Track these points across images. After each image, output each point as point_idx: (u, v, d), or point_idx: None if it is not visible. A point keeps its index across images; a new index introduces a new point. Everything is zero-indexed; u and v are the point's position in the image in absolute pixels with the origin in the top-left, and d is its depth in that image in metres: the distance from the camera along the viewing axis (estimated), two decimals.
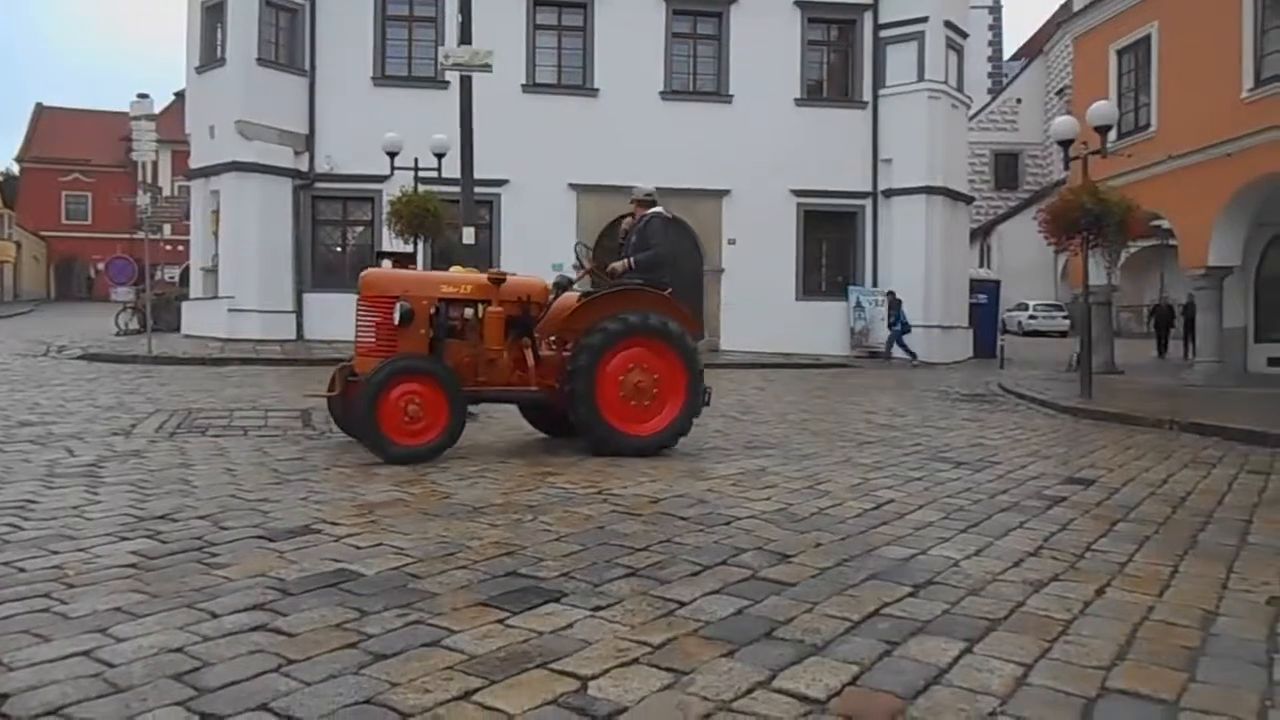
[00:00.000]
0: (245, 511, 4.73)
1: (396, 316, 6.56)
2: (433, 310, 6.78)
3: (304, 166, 20.40)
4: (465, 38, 16.27)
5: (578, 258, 8.16)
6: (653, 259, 7.41)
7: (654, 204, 7.71)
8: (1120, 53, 19.06)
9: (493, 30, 18.27)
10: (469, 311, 7.05)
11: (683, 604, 3.37)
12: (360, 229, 21.35)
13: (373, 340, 6.70)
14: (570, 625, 3.13)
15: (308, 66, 20.42)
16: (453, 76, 17.37)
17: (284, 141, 20.03)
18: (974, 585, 3.70)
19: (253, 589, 3.42)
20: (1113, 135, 14.57)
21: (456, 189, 16.61)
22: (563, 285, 7.46)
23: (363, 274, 7.06)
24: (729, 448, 7.59)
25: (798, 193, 21.97)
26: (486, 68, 15.93)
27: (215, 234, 20.49)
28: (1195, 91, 16.60)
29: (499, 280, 6.96)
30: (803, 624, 3.18)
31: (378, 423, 6.21)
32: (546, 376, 7.06)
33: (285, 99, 20.03)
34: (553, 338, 7.32)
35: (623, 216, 8.39)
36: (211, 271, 20.65)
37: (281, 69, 20.12)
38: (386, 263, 17.38)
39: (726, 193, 21.69)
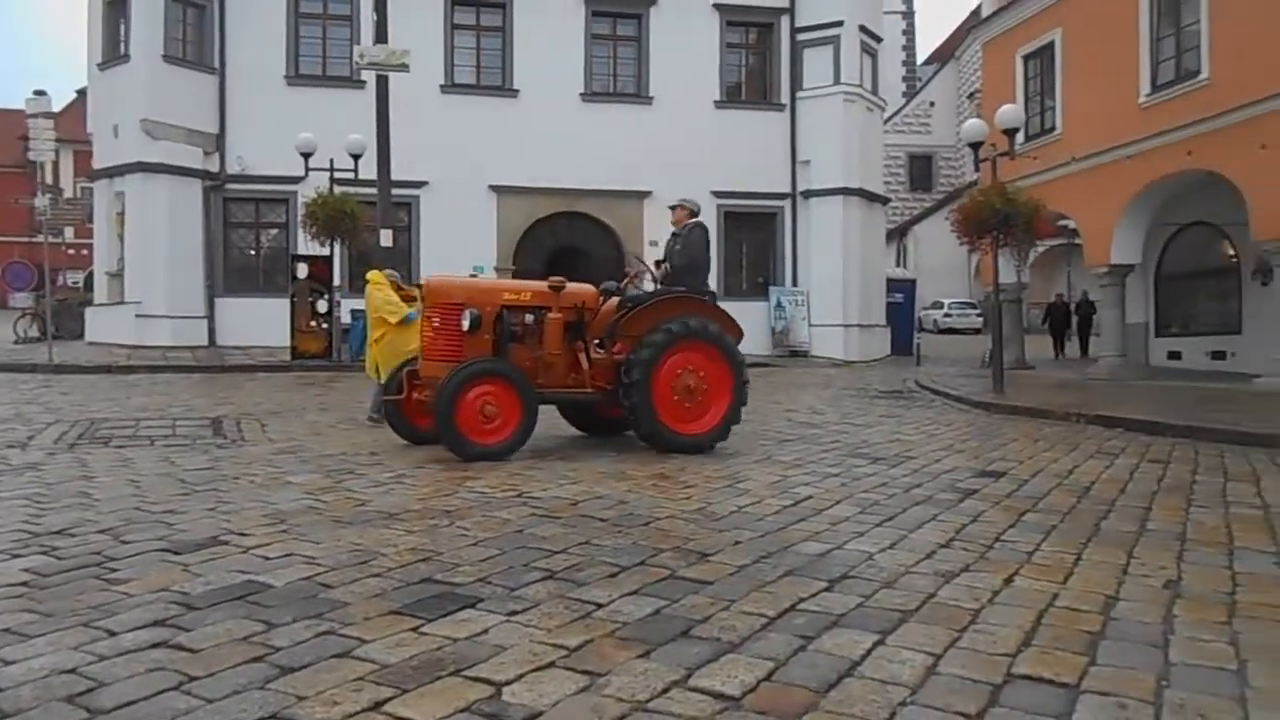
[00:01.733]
0: (149, 524, 4.57)
1: (466, 323, 6.88)
2: (495, 316, 7.11)
3: (214, 167, 19.83)
4: (381, 37, 16.05)
5: (628, 267, 8.61)
6: (689, 265, 7.78)
7: (697, 214, 8.10)
8: (1026, 58, 19.67)
9: (410, 30, 18.05)
10: (529, 317, 7.34)
11: (600, 606, 3.36)
12: (275, 231, 20.83)
13: (440, 346, 7.00)
14: (485, 631, 3.09)
15: (217, 64, 19.86)
16: (369, 76, 17.12)
17: (192, 141, 19.44)
18: (888, 578, 3.76)
19: (154, 604, 3.30)
20: (1020, 138, 15.01)
21: (374, 190, 16.41)
22: (610, 291, 7.77)
23: (426, 281, 7.41)
24: (650, 448, 7.58)
25: (718, 194, 22.12)
26: (403, 67, 15.74)
27: (121, 237, 19.79)
28: (1097, 96, 17.22)
29: (559, 287, 7.33)
30: (720, 622, 3.19)
31: (456, 423, 6.50)
32: (598, 378, 7.38)
33: (193, 97, 19.45)
34: (598, 341, 7.61)
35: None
36: (117, 276, 19.93)
37: (189, 66, 19.52)
38: (302, 266, 16.96)
39: (648, 194, 21.73)
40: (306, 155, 17.11)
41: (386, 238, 16.00)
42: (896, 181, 42.29)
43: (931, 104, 45.07)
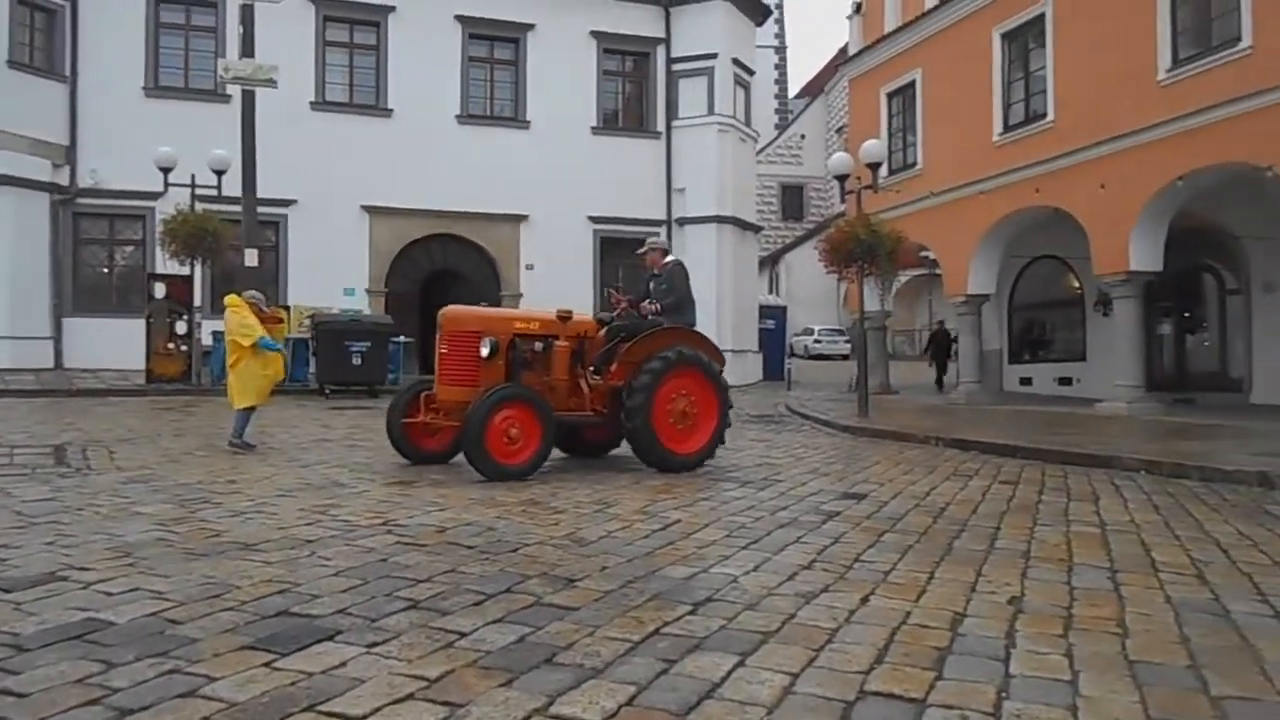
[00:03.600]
0: None
1: (486, 350, 7.37)
2: (508, 344, 7.58)
3: (64, 180, 18.84)
4: (248, 51, 15.59)
5: (608, 299, 9.06)
6: (677, 303, 8.36)
7: (669, 251, 8.89)
8: (890, 95, 20.58)
9: (279, 44, 17.61)
10: (538, 345, 7.76)
11: (463, 635, 3.31)
12: (130, 249, 19.88)
13: (457, 372, 7.48)
14: (343, 664, 3.00)
15: (68, 72, 18.91)
16: (234, 90, 16.60)
17: (39, 152, 18.39)
18: (750, 600, 3.83)
19: None
20: (884, 172, 15.69)
21: (238, 208, 15.87)
22: (603, 322, 8.36)
23: (443, 311, 7.82)
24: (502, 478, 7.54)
25: (595, 219, 22.30)
26: (270, 83, 15.34)
27: None
28: (954, 134, 18.15)
29: (566, 317, 7.90)
30: (584, 648, 3.18)
31: (485, 445, 6.85)
32: (595, 402, 7.86)
33: (41, 106, 18.45)
34: (593, 368, 8.05)
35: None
36: None
37: (37, 73, 18.53)
38: (160, 286, 16.28)
39: (524, 218, 21.74)
40: (166, 170, 16.44)
41: (252, 257, 15.49)
42: (769, 211, 43.44)
43: (803, 136, 46.55)
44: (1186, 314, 18.61)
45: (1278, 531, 5.63)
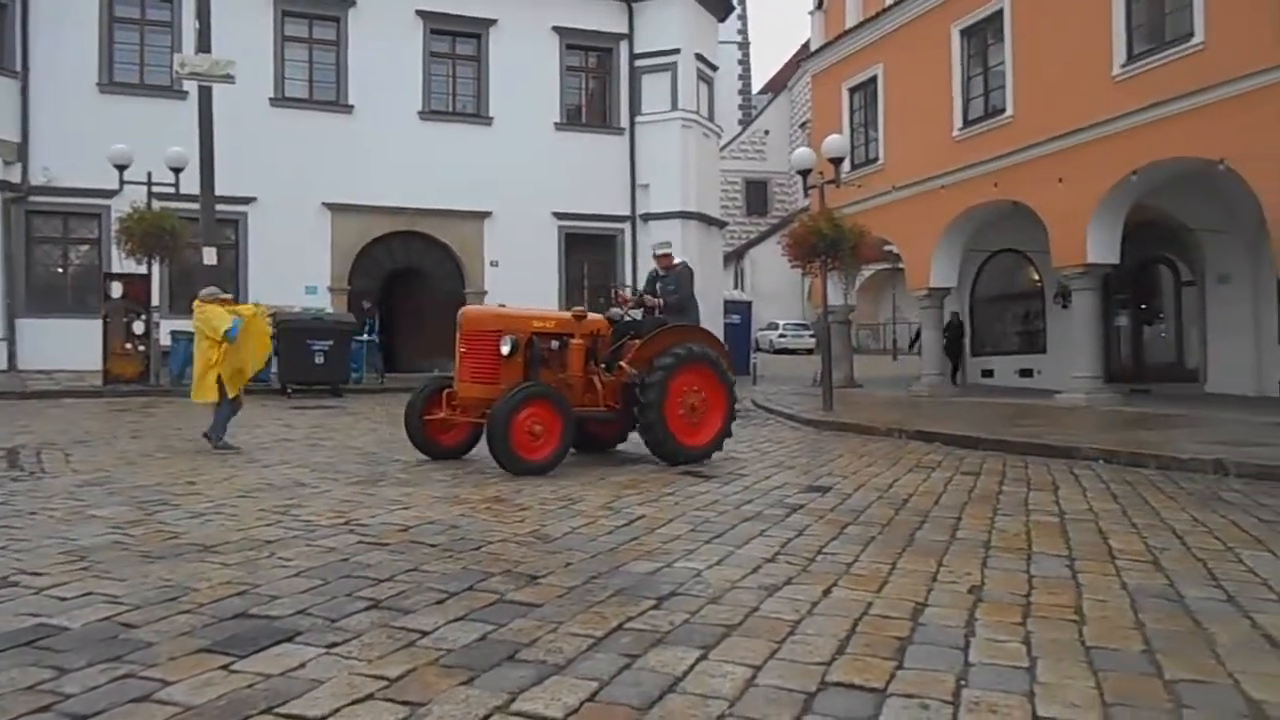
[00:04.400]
0: None
1: (506, 349, 7.51)
2: (526, 342, 7.75)
3: (16, 178, 18.46)
4: (204, 46, 15.35)
5: (614, 295, 9.52)
6: (681, 302, 8.94)
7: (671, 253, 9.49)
8: (852, 90, 20.70)
9: (236, 39, 17.39)
10: (554, 343, 7.98)
11: (425, 633, 3.28)
12: (85, 248, 19.52)
13: (477, 370, 7.61)
14: (302, 665, 2.96)
15: (19, 67, 18.52)
16: (191, 86, 16.34)
17: None
18: (714, 594, 3.84)
19: None
20: (846, 167, 15.78)
21: (196, 206, 15.63)
22: (613, 320, 8.63)
23: (463, 311, 7.99)
24: (486, 471, 7.51)
25: (559, 215, 22.24)
26: (228, 78, 15.12)
27: None
28: (916, 128, 18.30)
29: (581, 316, 8.22)
30: (546, 644, 3.17)
31: (510, 442, 7.02)
32: (608, 398, 8.06)
33: None
34: (604, 365, 8.26)
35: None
36: None
37: None
38: (117, 285, 16.07)
39: (488, 214, 21.62)
40: (121, 167, 16.17)
41: (210, 256, 15.28)
42: (734, 206, 43.59)
43: (766, 132, 46.73)
44: (1143, 306, 18.92)
45: (1231, 518, 5.74)
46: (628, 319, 8.80)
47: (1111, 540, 5.05)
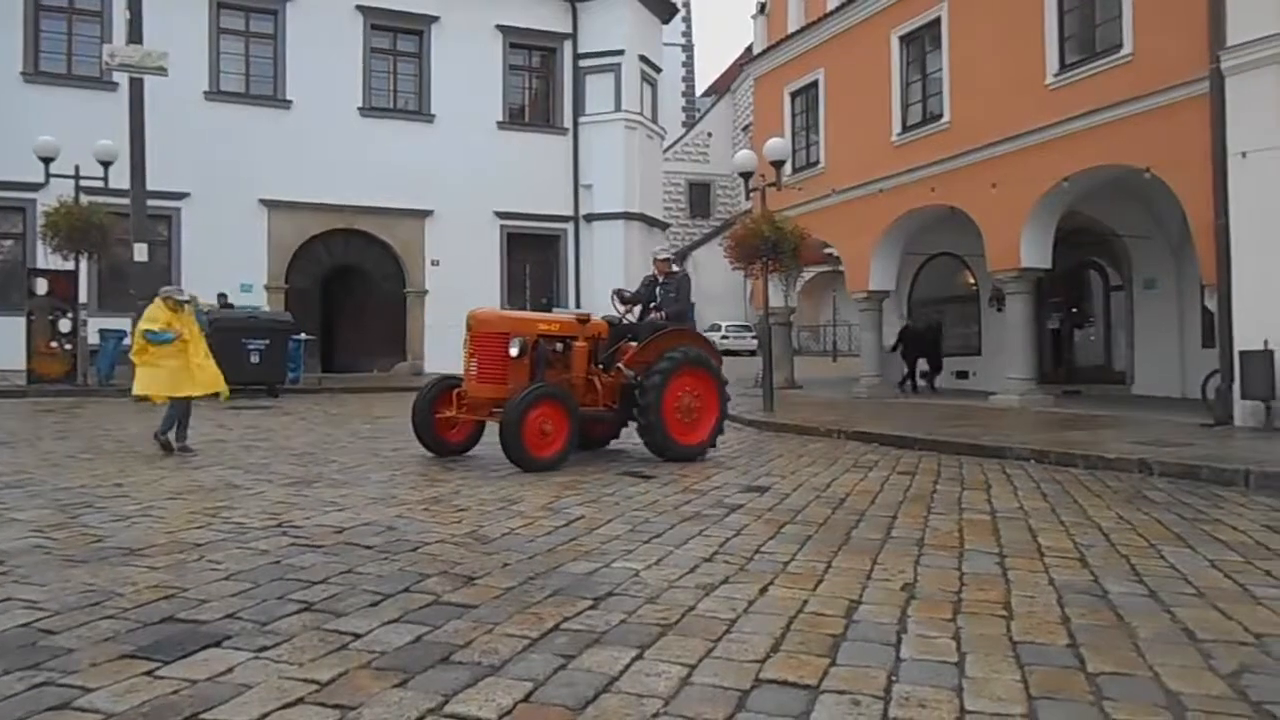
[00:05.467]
0: None
1: (515, 350, 7.85)
2: (533, 344, 8.05)
3: None
4: (135, 36, 14.99)
5: (615, 302, 9.53)
6: (679, 312, 9.18)
7: (673, 261, 9.76)
8: (793, 94, 20.87)
9: (170, 31, 17.00)
10: (559, 345, 8.37)
11: (358, 636, 3.24)
12: (9, 243, 18.95)
13: (486, 371, 7.93)
14: (230, 670, 2.90)
15: None
16: (122, 78, 15.92)
17: None
18: (651, 594, 3.84)
19: None
20: (788, 169, 15.91)
21: (127, 201, 15.24)
22: (612, 324, 9.00)
23: (472, 313, 8.28)
24: (425, 472, 7.44)
25: (501, 215, 22.12)
26: (160, 70, 14.79)
27: None
28: (856, 133, 18.52)
29: (584, 320, 8.64)
30: (481, 645, 3.15)
31: (522, 439, 7.32)
32: (606, 398, 8.45)
33: None
34: (600, 366, 8.63)
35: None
36: None
37: None
38: (42, 281, 15.54)
39: (429, 213, 21.43)
40: (47, 160, 15.69)
41: (141, 252, 14.92)
42: (677, 208, 43.74)
43: (709, 134, 46.97)
44: (1074, 309, 19.38)
45: (1154, 515, 5.91)
46: (625, 322, 9.18)
47: (1041, 538, 5.17)
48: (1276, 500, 6.55)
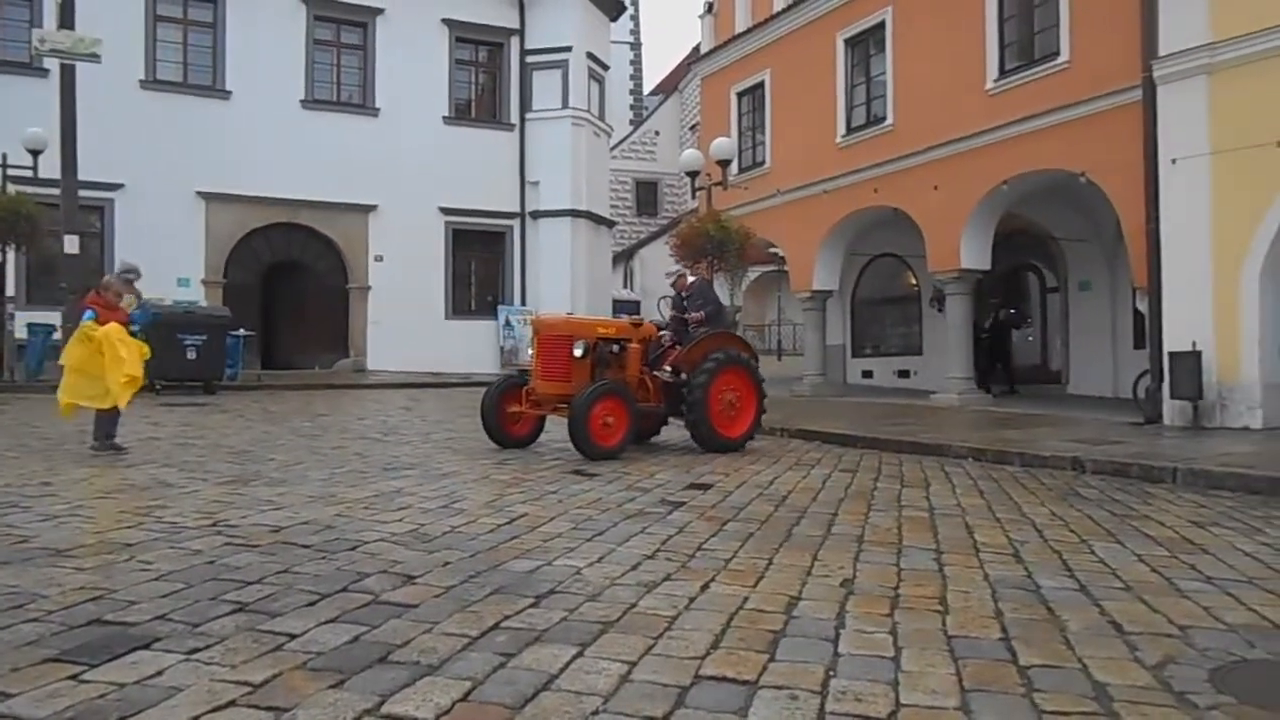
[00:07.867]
0: None
1: (579, 351, 8.64)
2: (593, 346, 8.84)
3: None
4: (67, 21, 14.57)
5: (661, 311, 10.58)
6: (715, 312, 10.02)
7: (686, 274, 10.66)
8: (740, 95, 21.01)
9: (104, 17, 16.58)
10: (615, 347, 9.12)
11: (294, 636, 3.18)
12: None
13: (551, 370, 8.66)
14: (159, 673, 2.83)
15: None
16: (53, 64, 15.46)
17: None
18: (593, 592, 3.84)
19: None
20: (734, 169, 16.02)
21: (57, 191, 14.80)
22: (660, 328, 9.91)
23: (537, 318, 9.37)
24: (366, 470, 7.34)
25: (447, 211, 21.92)
26: (94, 57, 14.39)
27: None
28: (801, 134, 18.70)
29: (638, 324, 9.56)
30: (420, 645, 3.12)
31: (589, 430, 8.03)
32: (656, 395, 9.23)
33: None
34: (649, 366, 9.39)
35: None
36: None
37: None
38: None
39: (373, 208, 21.16)
40: None
41: (72, 244, 14.51)
42: (624, 206, 43.66)
43: (657, 133, 46.95)
44: (1012, 311, 19.76)
45: (1086, 512, 6.05)
46: (672, 329, 10.01)
47: (977, 534, 5.27)
48: (1202, 497, 6.75)
